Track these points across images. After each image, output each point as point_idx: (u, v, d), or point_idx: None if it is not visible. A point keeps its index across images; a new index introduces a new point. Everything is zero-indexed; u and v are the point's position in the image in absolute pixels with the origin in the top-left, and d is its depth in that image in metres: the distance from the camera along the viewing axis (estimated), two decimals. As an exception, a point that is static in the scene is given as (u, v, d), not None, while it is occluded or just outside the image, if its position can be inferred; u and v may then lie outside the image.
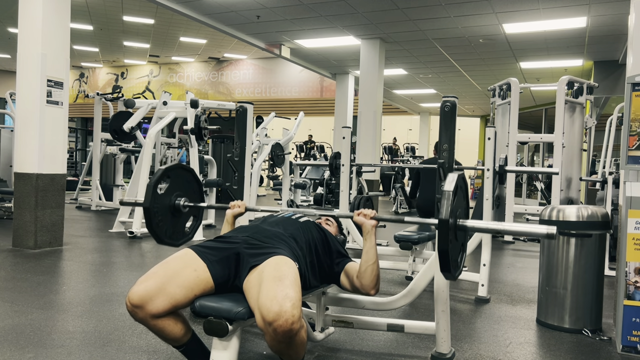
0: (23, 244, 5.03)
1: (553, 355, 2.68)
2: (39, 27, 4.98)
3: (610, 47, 9.33)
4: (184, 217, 2.50)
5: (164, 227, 2.39)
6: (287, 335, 1.66)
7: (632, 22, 3.26)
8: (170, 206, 2.41)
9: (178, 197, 2.44)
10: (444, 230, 1.76)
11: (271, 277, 1.78)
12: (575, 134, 6.97)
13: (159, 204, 2.35)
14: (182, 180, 2.49)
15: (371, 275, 2.15)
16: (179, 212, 2.44)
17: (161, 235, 2.37)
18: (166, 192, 2.39)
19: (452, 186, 1.81)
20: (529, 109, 14.92)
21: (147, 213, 2.28)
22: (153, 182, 2.30)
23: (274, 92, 18.92)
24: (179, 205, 2.43)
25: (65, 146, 5.36)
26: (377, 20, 8.46)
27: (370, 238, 2.16)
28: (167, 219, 2.40)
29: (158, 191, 2.33)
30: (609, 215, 3.17)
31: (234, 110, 3.10)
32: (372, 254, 2.15)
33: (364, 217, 2.18)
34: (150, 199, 2.28)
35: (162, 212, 2.37)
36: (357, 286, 2.20)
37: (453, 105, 2.30)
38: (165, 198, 2.39)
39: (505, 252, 6.13)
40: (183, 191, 2.47)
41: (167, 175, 2.40)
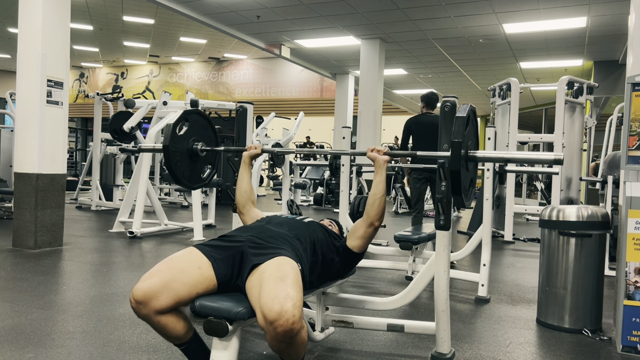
0: (23, 244, 5.03)
1: (553, 355, 2.68)
2: (39, 27, 4.98)
3: (610, 47, 9.34)
4: (201, 162, 2.63)
5: (182, 168, 2.51)
6: (287, 334, 1.66)
7: (632, 22, 3.26)
8: (188, 149, 2.53)
9: (195, 141, 2.56)
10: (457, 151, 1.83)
11: (273, 277, 1.79)
12: (575, 134, 6.98)
13: (177, 145, 2.47)
14: (199, 126, 2.61)
15: (379, 207, 2.26)
16: (196, 156, 2.56)
17: (179, 175, 2.49)
18: (184, 136, 2.50)
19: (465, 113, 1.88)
20: (529, 109, 14.92)
21: (167, 152, 2.40)
22: (173, 122, 2.42)
23: (274, 92, 18.92)
24: (197, 149, 2.55)
25: (65, 146, 5.36)
26: (377, 20, 8.46)
27: (381, 172, 2.29)
28: (185, 161, 2.52)
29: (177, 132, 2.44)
30: (609, 215, 3.17)
31: (234, 110, 3.10)
32: (381, 187, 2.28)
33: (377, 152, 2.31)
34: (170, 139, 2.39)
35: (180, 154, 2.49)
36: (363, 222, 2.28)
37: (453, 105, 2.30)
38: (184, 141, 2.50)
39: (505, 252, 6.13)
40: (200, 136, 2.60)
41: (186, 118, 2.51)
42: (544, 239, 3.22)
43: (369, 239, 2.32)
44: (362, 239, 2.30)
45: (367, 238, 2.30)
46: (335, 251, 2.30)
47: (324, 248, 2.25)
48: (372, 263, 4.51)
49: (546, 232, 3.19)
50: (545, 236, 3.20)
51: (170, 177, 2.55)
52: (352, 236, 2.31)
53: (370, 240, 2.33)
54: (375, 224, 2.28)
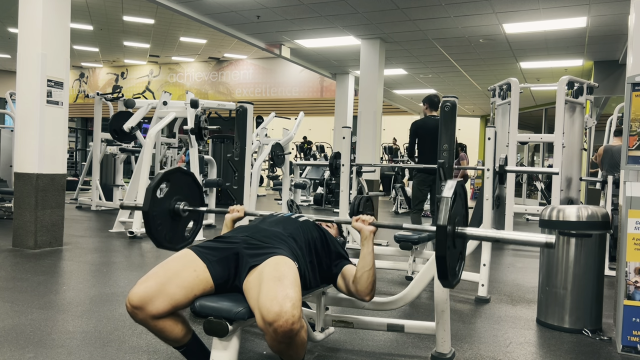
0: (23, 244, 5.03)
1: (553, 355, 2.68)
2: (39, 27, 4.98)
3: (610, 47, 9.33)
4: (184, 221, 2.50)
5: (164, 231, 2.39)
6: (287, 335, 1.66)
7: (632, 22, 3.26)
8: (169, 210, 2.41)
9: (178, 201, 2.44)
10: (442, 236, 1.74)
11: (271, 277, 1.78)
12: (575, 134, 6.97)
13: (158, 207, 2.34)
14: (182, 184, 2.48)
15: (367, 282, 2.11)
16: (178, 216, 2.44)
17: (160, 239, 2.37)
18: (166, 196, 2.39)
19: (451, 192, 1.79)
20: (529, 109, 14.91)
21: (146, 217, 2.28)
22: (152, 186, 2.30)
23: (274, 92, 18.92)
24: (179, 209, 2.42)
25: (65, 146, 5.36)
26: (377, 20, 8.46)
27: (368, 244, 2.14)
28: (166, 222, 2.40)
29: (157, 195, 2.33)
30: (609, 215, 3.17)
31: (234, 110, 3.10)
32: (368, 260, 2.12)
33: (362, 222, 2.16)
34: (150, 203, 2.27)
35: (162, 216, 2.37)
36: (352, 291, 2.18)
37: (453, 105, 2.30)
38: (165, 202, 2.38)
39: (505, 252, 6.13)
40: (183, 195, 2.47)
41: (167, 179, 2.40)
42: (543, 248, 3.21)
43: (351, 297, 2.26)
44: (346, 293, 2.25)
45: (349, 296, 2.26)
46: (329, 254, 2.27)
47: (320, 247, 2.24)
48: (372, 263, 4.50)
49: (546, 232, 3.19)
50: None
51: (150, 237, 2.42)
52: (343, 281, 2.22)
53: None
54: (366, 300, 2.17)
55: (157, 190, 2.33)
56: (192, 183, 2.56)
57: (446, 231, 1.74)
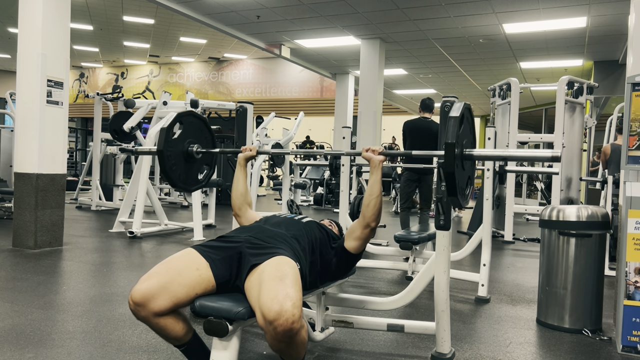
0: (23, 244, 5.03)
1: (553, 355, 2.68)
2: (39, 27, 4.98)
3: (610, 47, 9.33)
4: (197, 164, 2.59)
5: (178, 171, 2.48)
6: (287, 334, 1.66)
7: (632, 22, 3.26)
8: (183, 152, 2.50)
9: (191, 143, 2.52)
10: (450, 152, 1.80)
11: (272, 277, 1.79)
12: (575, 134, 6.97)
13: (172, 148, 2.44)
14: (194, 127, 2.57)
15: (374, 208, 2.22)
16: (192, 158, 2.52)
17: (175, 179, 2.47)
18: (179, 138, 2.47)
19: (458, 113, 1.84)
20: (529, 109, 14.91)
21: (161, 156, 2.37)
22: (166, 127, 2.39)
23: (274, 92, 18.92)
24: (192, 151, 2.51)
25: (65, 146, 5.36)
26: (377, 20, 8.46)
27: (377, 172, 2.26)
28: (180, 163, 2.49)
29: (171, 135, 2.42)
30: (609, 215, 3.17)
31: (234, 110, 3.10)
32: (376, 187, 2.24)
33: (372, 152, 2.28)
34: (164, 143, 2.36)
35: (176, 157, 2.46)
36: (360, 223, 2.25)
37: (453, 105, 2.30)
38: (179, 144, 2.47)
39: (505, 252, 6.13)
40: (196, 138, 2.56)
41: (180, 121, 2.47)
42: (544, 239, 3.22)
43: (366, 240, 2.29)
44: (358, 239, 2.27)
45: (363, 239, 2.27)
46: (333, 252, 2.29)
47: (322, 248, 2.25)
48: (372, 263, 4.51)
49: (546, 232, 3.19)
50: (545, 236, 3.20)
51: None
52: (349, 237, 2.29)
53: (367, 241, 2.30)
54: (371, 225, 2.24)
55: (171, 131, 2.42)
56: (204, 127, 2.63)
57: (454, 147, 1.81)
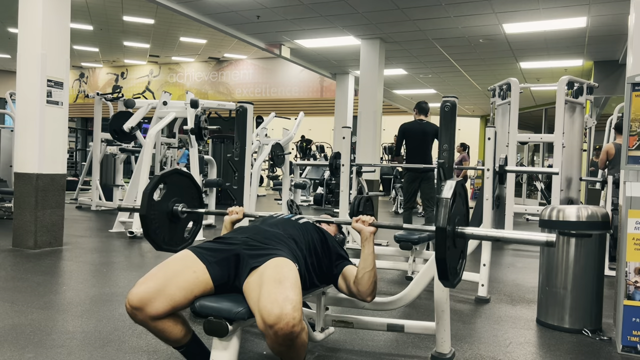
0: (23, 244, 5.03)
1: (553, 355, 2.68)
2: (39, 27, 4.98)
3: (610, 47, 9.33)
4: (183, 223, 2.48)
5: (162, 233, 2.37)
6: (288, 337, 1.66)
7: (632, 22, 3.26)
8: (167, 212, 2.38)
9: (176, 202, 2.41)
10: (441, 238, 1.72)
11: (271, 280, 1.78)
12: (575, 134, 6.97)
13: (156, 210, 2.32)
14: (179, 185, 2.46)
15: (368, 282, 2.11)
16: (177, 218, 2.41)
17: (159, 242, 2.35)
18: (163, 198, 2.36)
19: (450, 193, 1.77)
20: (529, 109, 14.91)
21: (144, 220, 2.26)
22: (148, 190, 2.27)
23: (274, 92, 18.92)
24: (177, 211, 2.40)
25: (65, 146, 5.37)
26: (377, 20, 8.46)
27: (369, 245, 2.13)
28: (165, 225, 2.37)
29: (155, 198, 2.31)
30: (609, 215, 3.17)
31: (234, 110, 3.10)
32: (369, 260, 2.11)
33: (362, 223, 2.15)
34: (147, 207, 2.25)
35: (160, 219, 2.34)
36: (353, 291, 2.18)
37: (453, 105, 2.30)
38: (163, 204, 2.36)
39: (505, 252, 6.13)
40: (181, 197, 2.44)
41: (164, 181, 2.37)
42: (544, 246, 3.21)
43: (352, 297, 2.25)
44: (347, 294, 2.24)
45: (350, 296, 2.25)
46: (329, 256, 2.26)
47: (320, 249, 2.24)
48: (372, 263, 4.50)
49: (546, 232, 3.19)
50: (545, 236, 3.20)
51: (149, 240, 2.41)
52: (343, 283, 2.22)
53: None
54: (367, 300, 2.17)
55: (154, 193, 2.31)
56: (191, 184, 2.53)
57: (445, 232, 1.73)
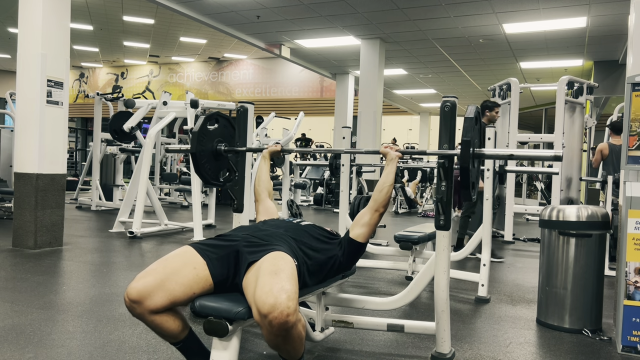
0: (23, 244, 5.03)
1: (553, 355, 2.68)
2: (38, 27, 4.98)
3: (610, 47, 9.34)
4: (225, 161, 2.81)
5: (210, 169, 2.70)
6: (282, 327, 1.65)
7: (632, 22, 3.26)
8: (212, 151, 2.70)
9: (219, 142, 2.73)
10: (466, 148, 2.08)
11: (267, 272, 1.78)
12: (575, 134, 6.97)
13: (203, 147, 2.65)
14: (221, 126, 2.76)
15: (387, 194, 2.39)
16: (220, 156, 2.73)
17: (207, 176, 2.69)
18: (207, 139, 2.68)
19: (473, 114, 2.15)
20: (529, 109, 14.92)
21: (194, 157, 2.59)
22: (197, 130, 2.60)
23: (274, 92, 18.92)
24: (220, 149, 2.72)
25: (65, 146, 5.36)
26: (377, 20, 8.46)
27: (392, 164, 2.44)
28: (211, 161, 2.71)
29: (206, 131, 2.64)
30: (609, 215, 3.17)
31: (234, 110, 3.15)
32: (390, 177, 2.42)
33: (390, 148, 2.50)
34: (196, 145, 2.58)
35: (207, 157, 2.68)
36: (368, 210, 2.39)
37: (453, 105, 2.30)
38: (208, 144, 2.68)
39: (505, 252, 6.13)
40: (222, 137, 2.77)
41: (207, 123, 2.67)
42: (544, 239, 3.22)
43: (374, 225, 2.39)
44: (367, 225, 2.36)
45: (372, 225, 2.37)
46: (339, 246, 2.29)
47: (323, 246, 2.24)
48: (372, 263, 4.51)
49: (546, 232, 3.19)
50: (545, 236, 3.20)
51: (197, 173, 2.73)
52: (357, 224, 2.37)
53: (374, 227, 2.40)
54: (380, 210, 2.38)
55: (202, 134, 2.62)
56: (229, 125, 2.82)
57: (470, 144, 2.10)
